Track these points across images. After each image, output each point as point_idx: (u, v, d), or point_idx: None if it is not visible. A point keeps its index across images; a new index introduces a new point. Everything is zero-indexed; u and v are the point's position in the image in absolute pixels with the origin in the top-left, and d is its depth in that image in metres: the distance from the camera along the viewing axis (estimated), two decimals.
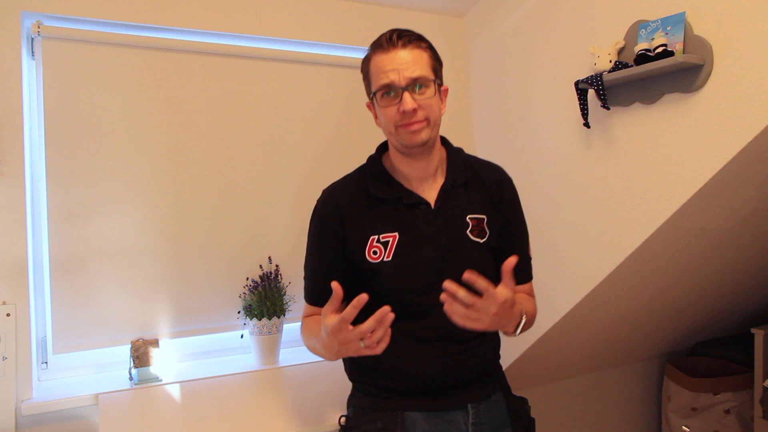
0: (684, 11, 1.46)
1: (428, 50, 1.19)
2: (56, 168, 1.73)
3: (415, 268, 1.21)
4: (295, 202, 2.06)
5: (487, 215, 1.26)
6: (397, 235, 1.22)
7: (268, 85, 2.00)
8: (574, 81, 1.70)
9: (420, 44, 1.18)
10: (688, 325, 2.37)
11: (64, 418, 1.67)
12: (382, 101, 1.18)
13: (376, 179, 1.27)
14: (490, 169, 1.34)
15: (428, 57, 1.18)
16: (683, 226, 1.62)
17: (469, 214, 1.25)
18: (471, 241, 1.23)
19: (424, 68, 1.16)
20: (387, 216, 1.23)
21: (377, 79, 1.17)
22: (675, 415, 2.31)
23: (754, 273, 2.13)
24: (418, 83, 1.15)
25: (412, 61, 1.15)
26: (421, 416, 1.22)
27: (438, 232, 1.22)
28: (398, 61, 1.14)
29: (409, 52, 1.15)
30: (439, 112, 1.20)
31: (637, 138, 1.63)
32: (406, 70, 1.14)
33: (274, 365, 1.92)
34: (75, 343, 1.77)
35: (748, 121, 1.36)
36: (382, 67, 1.16)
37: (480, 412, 1.24)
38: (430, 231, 1.22)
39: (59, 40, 1.71)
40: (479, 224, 1.25)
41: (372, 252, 1.23)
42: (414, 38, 1.17)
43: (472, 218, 1.25)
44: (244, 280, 1.98)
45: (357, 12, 2.13)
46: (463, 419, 1.23)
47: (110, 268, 1.80)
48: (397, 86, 1.14)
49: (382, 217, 1.23)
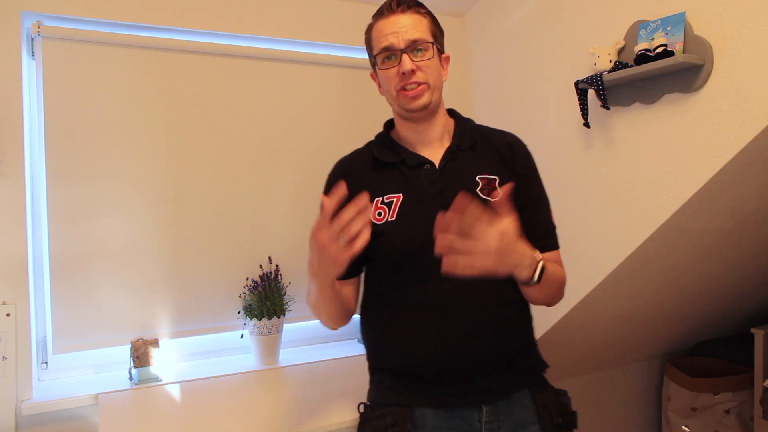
0: (684, 11, 1.46)
1: (427, 16, 1.23)
2: (56, 168, 1.73)
3: (418, 224, 1.18)
4: (295, 202, 2.06)
5: (500, 176, 1.23)
6: (401, 196, 1.23)
7: (268, 85, 2.00)
8: (574, 81, 1.70)
9: (419, 10, 1.22)
10: (688, 325, 2.37)
11: (64, 418, 1.67)
12: (382, 65, 1.22)
13: (381, 146, 1.31)
14: (502, 133, 1.31)
15: (428, 22, 1.22)
16: (683, 226, 1.62)
17: (478, 175, 1.23)
18: (481, 200, 1.20)
19: (423, 32, 1.20)
20: (391, 178, 1.25)
21: (378, 43, 1.22)
22: (675, 415, 2.31)
23: (754, 273, 2.13)
24: (416, 46, 1.18)
25: (411, 24, 1.19)
26: (431, 412, 1.19)
27: (443, 190, 1.21)
28: (397, 25, 1.19)
29: (408, 17, 1.20)
30: (439, 76, 1.23)
31: (637, 138, 1.63)
32: (405, 33, 1.18)
33: (274, 365, 1.92)
34: (75, 343, 1.77)
35: (748, 121, 1.36)
36: (382, 31, 1.21)
37: (498, 411, 1.19)
38: (435, 189, 1.22)
39: (59, 40, 1.71)
40: (490, 184, 1.22)
41: (377, 213, 1.23)
42: (413, 4, 1.22)
43: (481, 178, 1.22)
44: (244, 280, 1.98)
45: (357, 12, 2.13)
46: (477, 416, 1.18)
47: (110, 268, 1.80)
48: (396, 48, 1.18)
49: (386, 180, 1.25)
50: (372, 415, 1.22)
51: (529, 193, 1.24)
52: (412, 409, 1.18)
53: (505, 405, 1.20)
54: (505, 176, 1.23)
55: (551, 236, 1.27)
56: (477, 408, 1.18)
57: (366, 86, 2.16)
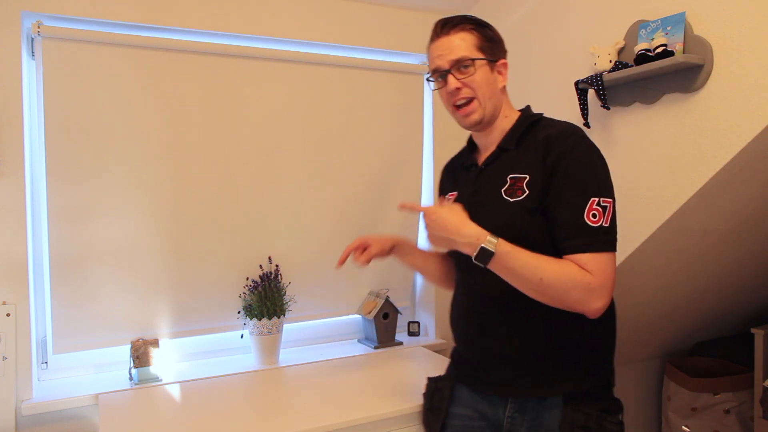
0: (684, 11, 1.46)
1: (473, 31, 1.27)
2: (56, 168, 1.73)
3: None
4: (295, 202, 2.06)
5: (530, 174, 1.21)
6: (456, 195, 1.39)
7: (268, 85, 2.00)
8: (574, 81, 1.70)
9: (464, 27, 1.27)
10: (688, 325, 2.37)
11: (64, 418, 1.67)
12: (436, 85, 1.32)
13: (463, 149, 1.46)
14: (551, 125, 1.26)
15: (473, 38, 1.26)
16: (683, 226, 1.62)
17: (510, 174, 1.25)
18: (502, 199, 1.23)
19: (467, 49, 1.25)
20: (457, 178, 1.44)
21: (430, 65, 1.31)
22: (675, 415, 2.31)
23: (755, 273, 2.13)
24: (461, 65, 1.25)
25: (455, 45, 1.25)
26: (467, 391, 1.36)
27: (477, 191, 1.31)
28: (441, 48, 1.27)
29: (452, 37, 1.26)
30: (488, 87, 1.27)
31: (637, 138, 1.63)
32: (448, 55, 1.25)
33: (274, 365, 1.92)
34: (75, 343, 1.77)
35: (748, 121, 1.36)
36: (431, 54, 1.30)
37: (524, 409, 1.26)
38: (471, 190, 1.33)
39: (59, 40, 1.71)
40: (516, 183, 1.23)
41: None
42: (457, 22, 1.27)
43: (512, 177, 1.25)
44: (244, 280, 1.98)
45: (357, 12, 2.13)
46: (503, 408, 1.28)
47: (110, 268, 1.80)
48: (442, 69, 1.27)
49: (456, 179, 1.44)
50: (433, 378, 1.47)
51: (552, 191, 1.18)
52: (455, 384, 1.39)
53: (534, 406, 1.25)
54: (536, 174, 1.20)
55: (578, 237, 1.15)
56: (503, 400, 1.28)
57: (366, 86, 2.16)
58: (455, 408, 1.37)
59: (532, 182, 1.20)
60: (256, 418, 1.46)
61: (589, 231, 1.14)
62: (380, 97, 2.19)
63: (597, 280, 1.12)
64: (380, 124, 2.20)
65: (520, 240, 1.16)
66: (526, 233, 1.18)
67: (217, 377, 1.80)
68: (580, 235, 1.14)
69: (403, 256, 1.53)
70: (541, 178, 1.19)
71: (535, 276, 1.13)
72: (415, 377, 1.69)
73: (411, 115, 2.26)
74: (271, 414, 1.49)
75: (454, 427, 1.36)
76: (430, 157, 2.33)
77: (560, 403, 1.21)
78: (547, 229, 1.19)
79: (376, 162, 2.20)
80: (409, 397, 1.54)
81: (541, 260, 1.14)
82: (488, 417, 1.31)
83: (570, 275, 1.12)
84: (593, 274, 1.12)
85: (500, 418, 1.28)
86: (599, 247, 1.14)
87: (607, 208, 1.16)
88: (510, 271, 1.15)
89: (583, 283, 1.12)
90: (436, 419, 1.38)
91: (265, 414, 1.49)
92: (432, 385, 1.45)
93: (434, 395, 1.42)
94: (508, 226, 1.18)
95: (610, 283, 1.14)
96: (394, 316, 2.16)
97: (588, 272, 1.12)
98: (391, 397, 1.56)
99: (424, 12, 2.26)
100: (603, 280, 1.13)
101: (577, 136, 1.20)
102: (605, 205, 1.16)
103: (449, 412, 1.37)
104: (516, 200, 1.21)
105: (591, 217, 1.14)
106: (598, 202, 1.15)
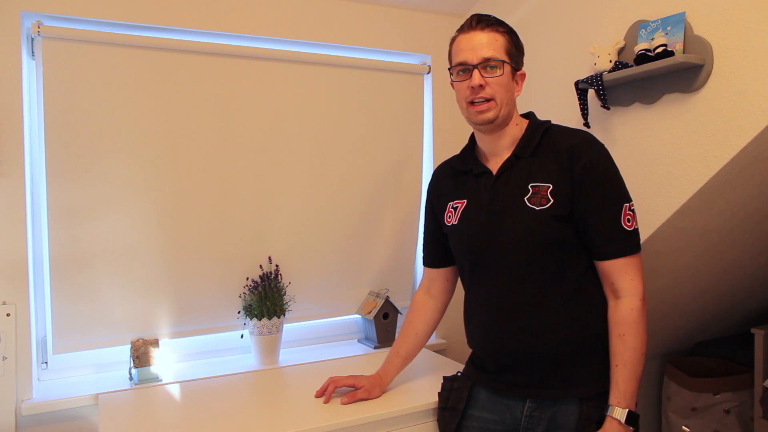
0: (684, 11, 1.47)
1: (506, 35, 1.30)
2: (56, 168, 1.73)
3: (469, 231, 1.35)
4: (295, 202, 2.06)
5: (553, 183, 1.25)
6: (465, 202, 1.37)
7: (268, 85, 2.00)
8: (574, 81, 1.70)
9: (498, 29, 1.30)
10: (688, 325, 2.37)
11: (64, 418, 1.67)
12: (457, 77, 1.31)
13: (463, 154, 1.44)
14: (568, 135, 1.30)
15: (504, 41, 1.29)
16: (683, 226, 1.62)
17: (531, 182, 1.27)
18: (527, 208, 1.25)
19: (497, 50, 1.27)
20: (462, 185, 1.40)
21: (455, 57, 1.31)
22: (675, 415, 2.31)
23: (754, 273, 2.13)
24: (489, 63, 1.26)
25: (487, 42, 1.27)
26: (485, 392, 1.37)
27: (493, 199, 1.31)
28: (474, 42, 1.27)
29: (486, 35, 1.27)
30: (507, 92, 1.29)
31: (637, 138, 1.63)
32: (480, 50, 1.26)
33: (274, 365, 1.92)
34: (75, 343, 1.77)
35: (748, 121, 1.36)
36: (460, 46, 1.30)
37: (542, 408, 1.28)
38: (487, 198, 1.32)
39: (59, 40, 1.71)
40: (540, 191, 1.25)
41: (448, 216, 1.42)
42: (493, 22, 1.30)
43: (533, 186, 1.26)
44: (244, 280, 1.98)
45: (357, 12, 2.13)
46: (521, 408, 1.31)
47: (110, 268, 1.80)
48: (469, 63, 1.27)
49: (458, 186, 1.41)
50: (449, 378, 1.47)
51: (584, 201, 1.24)
52: (473, 385, 1.40)
53: (551, 406, 1.28)
54: (561, 183, 1.24)
55: (618, 242, 1.24)
56: (521, 400, 1.30)
57: (366, 86, 2.16)
58: (472, 409, 1.38)
59: (556, 191, 1.24)
60: (256, 418, 1.46)
61: (626, 235, 1.24)
62: (380, 97, 2.19)
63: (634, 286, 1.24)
64: (380, 124, 2.20)
65: (548, 246, 1.23)
66: (554, 240, 1.25)
67: (217, 377, 1.79)
68: (620, 240, 1.24)
69: (395, 375, 1.58)
70: (567, 187, 1.24)
71: (643, 359, 1.23)
72: (415, 377, 1.69)
73: (411, 115, 2.26)
74: (271, 414, 1.49)
75: (469, 429, 1.37)
76: (430, 157, 2.33)
77: (577, 401, 1.27)
78: (575, 235, 1.25)
79: (377, 162, 2.20)
80: (409, 398, 1.54)
81: (629, 353, 1.22)
82: (506, 420, 1.33)
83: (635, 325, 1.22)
84: (632, 279, 1.23)
85: (518, 417, 1.31)
86: (634, 249, 1.25)
87: (634, 211, 1.27)
88: (637, 362, 1.23)
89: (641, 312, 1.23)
90: (452, 419, 1.39)
91: (265, 414, 1.49)
92: (448, 385, 1.45)
93: (450, 395, 1.43)
94: (535, 234, 1.24)
95: (643, 279, 1.26)
96: (394, 316, 2.16)
97: (626, 296, 1.23)
98: (391, 397, 1.56)
99: (425, 12, 2.26)
100: (637, 283, 1.24)
101: (600, 146, 1.28)
102: (633, 209, 1.27)
103: (465, 413, 1.38)
104: (542, 209, 1.24)
105: (626, 222, 1.24)
106: (629, 207, 1.26)
